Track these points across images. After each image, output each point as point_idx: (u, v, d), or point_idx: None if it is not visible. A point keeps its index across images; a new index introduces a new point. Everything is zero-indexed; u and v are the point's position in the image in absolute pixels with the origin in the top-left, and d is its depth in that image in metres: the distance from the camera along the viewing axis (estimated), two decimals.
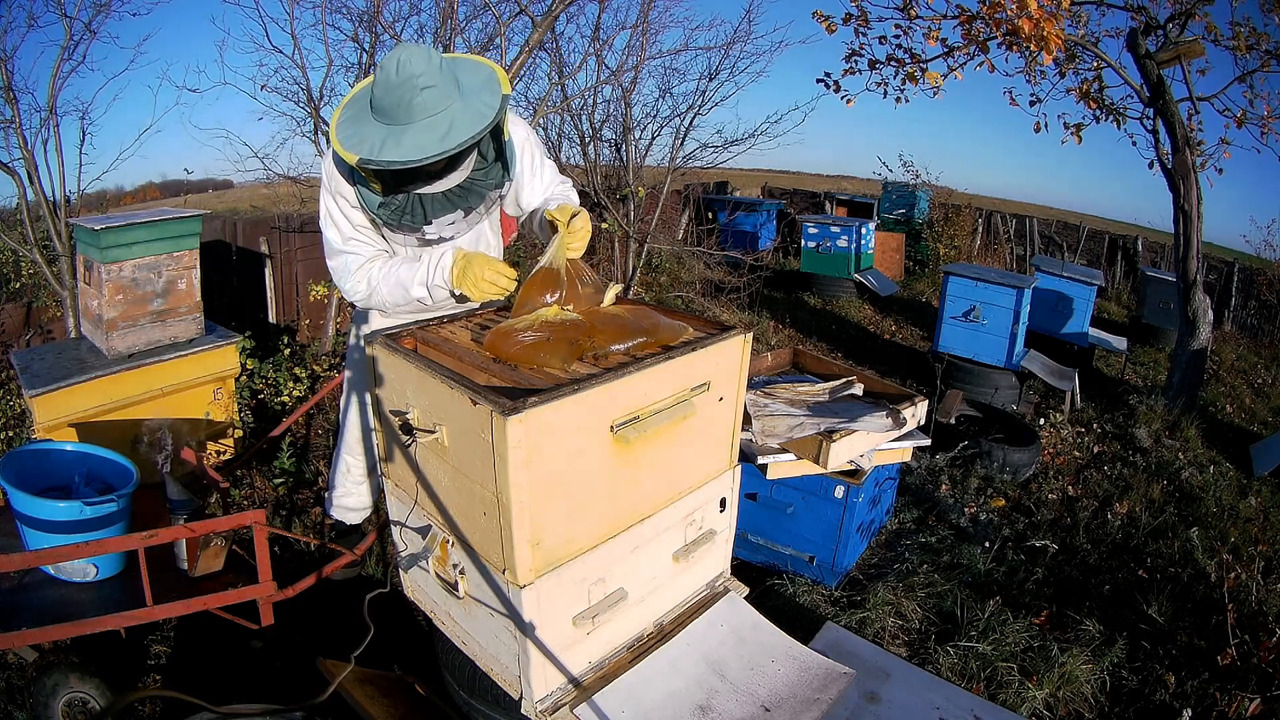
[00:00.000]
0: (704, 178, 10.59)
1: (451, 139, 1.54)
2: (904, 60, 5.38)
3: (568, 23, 6.01)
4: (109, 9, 4.11)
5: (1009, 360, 5.47)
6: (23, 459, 2.21)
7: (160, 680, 2.21)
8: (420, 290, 1.78)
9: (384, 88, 1.54)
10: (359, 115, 1.62)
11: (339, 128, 1.61)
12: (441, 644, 1.87)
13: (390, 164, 1.54)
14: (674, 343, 1.59)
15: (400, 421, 1.50)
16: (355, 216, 1.83)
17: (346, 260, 1.85)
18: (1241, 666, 2.51)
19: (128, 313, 2.93)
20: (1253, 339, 9.66)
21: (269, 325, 5.35)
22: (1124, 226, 15.63)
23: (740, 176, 15.13)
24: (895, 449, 2.77)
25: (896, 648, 2.57)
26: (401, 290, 1.81)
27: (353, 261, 1.85)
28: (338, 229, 1.84)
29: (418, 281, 1.77)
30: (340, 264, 1.87)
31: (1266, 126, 5.13)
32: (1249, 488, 4.46)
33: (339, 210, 1.82)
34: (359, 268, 1.84)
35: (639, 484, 1.52)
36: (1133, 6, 5.15)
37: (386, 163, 1.54)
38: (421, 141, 1.54)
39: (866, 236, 8.88)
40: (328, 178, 1.80)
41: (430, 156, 1.53)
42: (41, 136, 3.97)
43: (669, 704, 1.51)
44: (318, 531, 3.01)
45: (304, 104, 4.55)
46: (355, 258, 1.85)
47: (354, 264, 1.85)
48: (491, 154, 1.83)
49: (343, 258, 1.86)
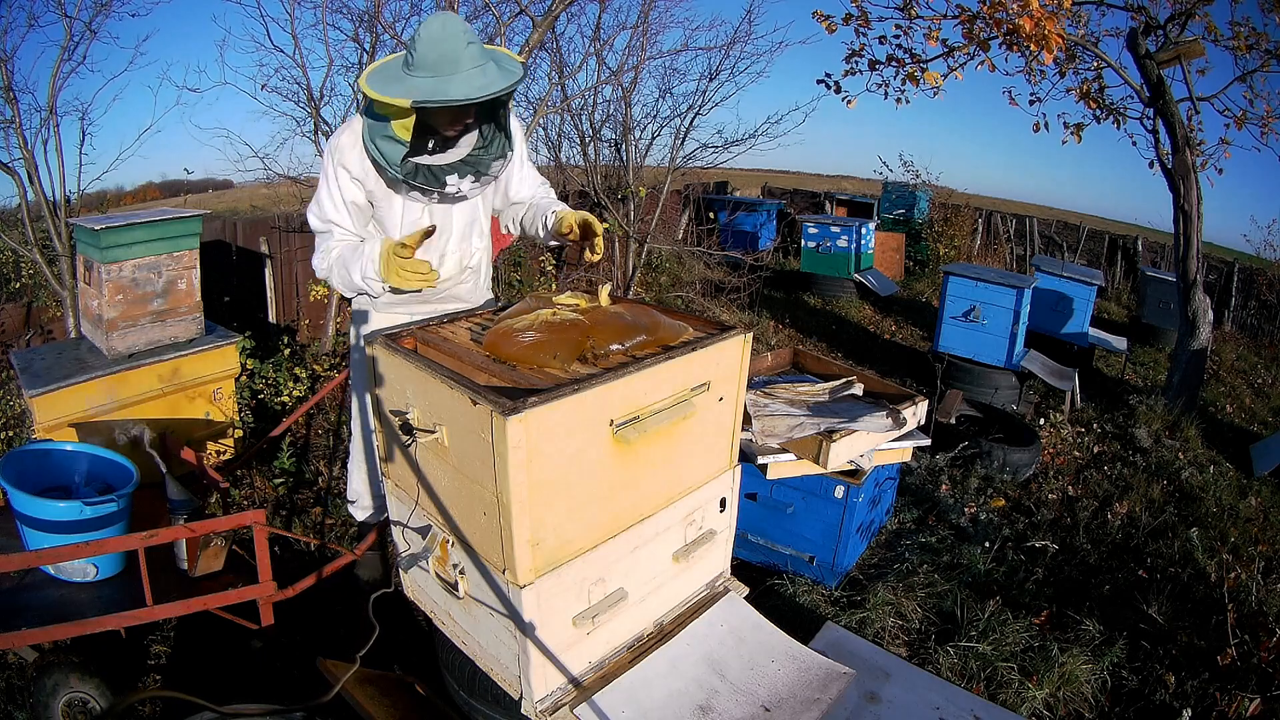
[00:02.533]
0: (704, 178, 10.59)
1: (495, 85, 1.72)
2: (904, 60, 5.37)
3: (568, 23, 6.03)
4: (109, 9, 4.11)
5: (1009, 360, 5.47)
6: (23, 459, 2.21)
7: (160, 680, 2.21)
8: (358, 279, 1.88)
9: (429, 43, 1.71)
10: (395, 75, 1.77)
11: (376, 87, 1.75)
12: (441, 644, 1.87)
13: (447, 102, 1.69)
14: (674, 343, 1.59)
15: (400, 421, 1.50)
16: (349, 191, 1.95)
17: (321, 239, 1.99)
18: (1241, 666, 2.51)
19: (128, 313, 2.93)
20: (1253, 339, 9.66)
21: (269, 325, 5.34)
22: (1124, 226, 15.64)
23: (740, 176, 15.12)
24: (895, 449, 2.77)
25: (896, 648, 2.57)
26: (346, 274, 1.91)
27: (324, 240, 1.98)
28: (320, 204, 1.97)
29: (356, 270, 1.87)
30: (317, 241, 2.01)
31: (1266, 126, 5.13)
32: (1249, 488, 4.46)
33: (335, 182, 1.94)
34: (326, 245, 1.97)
35: (639, 484, 1.52)
36: (1133, 6, 5.15)
37: (443, 102, 1.69)
38: (472, 84, 1.71)
39: (866, 236, 8.87)
40: (333, 150, 1.93)
41: (481, 95, 1.69)
42: (41, 136, 3.97)
43: (669, 704, 1.51)
44: (318, 531, 3.01)
45: (304, 104, 4.56)
46: (327, 236, 1.98)
47: (325, 242, 1.98)
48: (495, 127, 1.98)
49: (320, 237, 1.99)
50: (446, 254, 2.11)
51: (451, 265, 2.12)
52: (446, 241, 2.09)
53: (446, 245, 2.10)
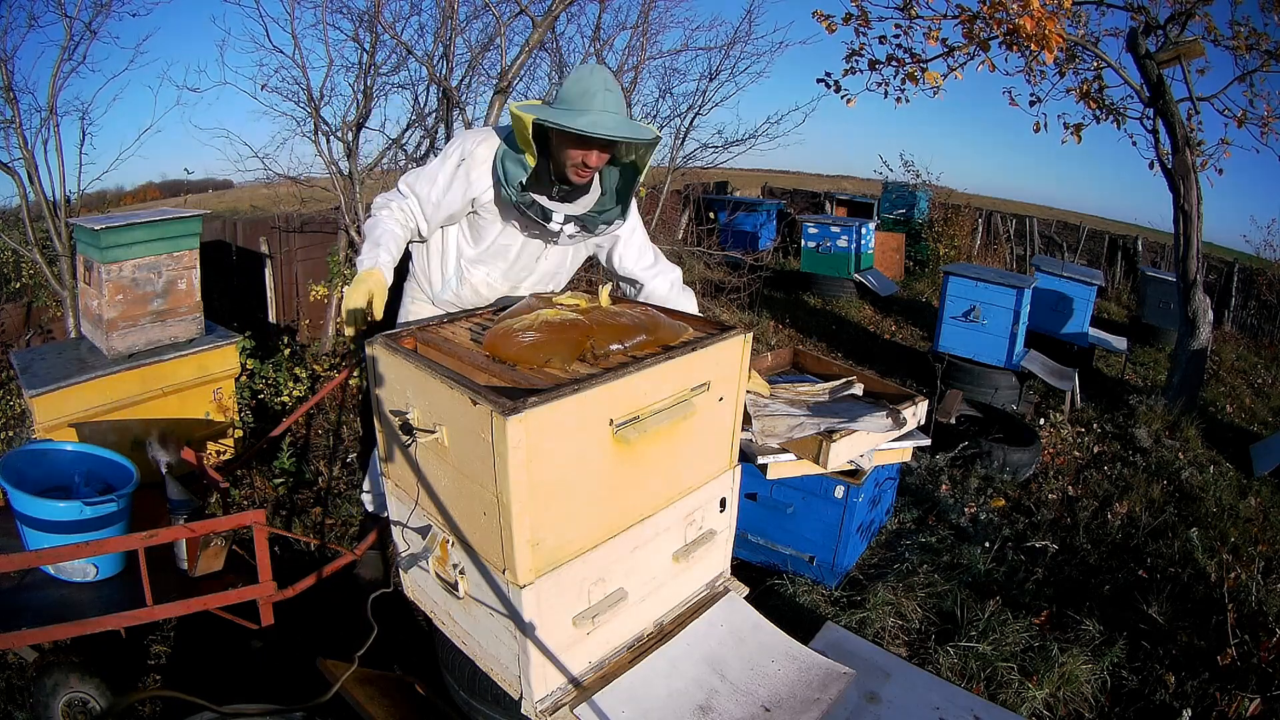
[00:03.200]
0: (704, 178, 10.58)
1: (622, 130, 1.77)
2: (904, 60, 5.37)
3: (568, 23, 6.01)
4: (109, 9, 4.10)
5: (1009, 360, 5.46)
6: (23, 459, 2.21)
7: (160, 680, 2.21)
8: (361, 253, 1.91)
9: (575, 81, 1.80)
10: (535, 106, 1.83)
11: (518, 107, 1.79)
12: (441, 644, 1.87)
13: (567, 128, 1.73)
14: (674, 343, 1.59)
15: (400, 421, 1.50)
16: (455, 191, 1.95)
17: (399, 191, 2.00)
18: (1241, 666, 2.51)
19: (128, 313, 2.93)
20: (1253, 339, 9.66)
21: (269, 325, 5.34)
22: (1124, 226, 15.64)
23: (740, 176, 15.12)
24: (895, 449, 2.76)
25: (896, 648, 2.57)
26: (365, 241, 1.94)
27: (396, 198, 2.00)
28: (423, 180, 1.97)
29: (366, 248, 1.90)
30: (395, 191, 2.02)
31: (1266, 126, 5.12)
32: (1249, 488, 4.46)
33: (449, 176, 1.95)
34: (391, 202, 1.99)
35: (639, 484, 1.52)
36: (1133, 6, 5.15)
37: (565, 126, 1.73)
38: (599, 123, 1.75)
39: (866, 236, 8.87)
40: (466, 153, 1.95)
41: (601, 133, 1.73)
42: (41, 136, 3.97)
43: (669, 704, 1.51)
44: (318, 531, 3.01)
45: (304, 104, 4.55)
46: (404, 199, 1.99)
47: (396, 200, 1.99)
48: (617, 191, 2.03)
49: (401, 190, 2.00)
50: (520, 287, 2.17)
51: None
52: (527, 276, 2.15)
53: (525, 279, 2.15)
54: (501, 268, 2.13)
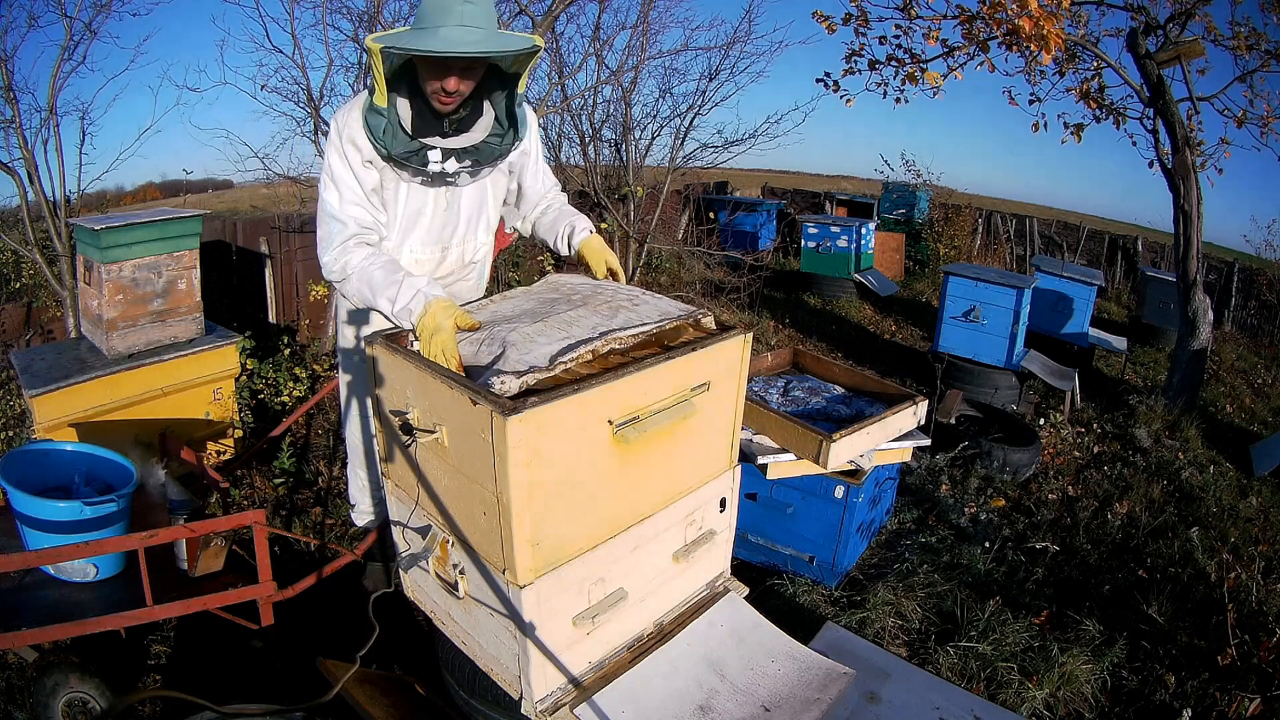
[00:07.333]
0: (704, 178, 10.58)
1: (481, 46, 1.56)
2: (904, 60, 5.38)
3: (568, 23, 6.01)
4: (109, 9, 4.11)
5: (1009, 360, 5.47)
6: (23, 459, 2.21)
7: (160, 680, 2.21)
8: (385, 306, 1.67)
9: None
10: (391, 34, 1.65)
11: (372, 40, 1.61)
12: (441, 644, 1.87)
13: (412, 51, 1.54)
14: (674, 343, 1.59)
15: (400, 421, 1.50)
16: (365, 178, 1.78)
17: (333, 230, 1.78)
18: (1241, 666, 2.51)
19: (128, 313, 2.93)
20: (1253, 339, 9.65)
21: (269, 325, 5.34)
22: (1124, 226, 15.65)
23: (740, 176, 15.11)
24: (895, 449, 2.77)
25: (896, 648, 2.57)
26: (369, 293, 1.72)
27: (339, 233, 1.77)
28: (338, 190, 1.77)
29: (386, 298, 1.66)
30: (327, 232, 1.79)
31: (1266, 126, 5.13)
32: (1249, 488, 4.46)
33: (347, 168, 1.76)
34: (343, 241, 1.77)
35: (639, 484, 1.52)
36: (1133, 6, 5.15)
37: (410, 49, 1.54)
38: (450, 37, 1.54)
39: (866, 236, 8.87)
40: (342, 127, 1.74)
41: (456, 51, 1.53)
42: (41, 136, 3.98)
43: (669, 704, 1.51)
44: (318, 531, 3.01)
45: (304, 104, 4.55)
46: (344, 229, 1.77)
47: (340, 236, 1.77)
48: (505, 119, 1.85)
49: (333, 225, 1.78)
50: (450, 246, 2.01)
51: (454, 259, 2.05)
52: (451, 233, 1.99)
53: (451, 237, 2.00)
54: (420, 235, 1.94)
